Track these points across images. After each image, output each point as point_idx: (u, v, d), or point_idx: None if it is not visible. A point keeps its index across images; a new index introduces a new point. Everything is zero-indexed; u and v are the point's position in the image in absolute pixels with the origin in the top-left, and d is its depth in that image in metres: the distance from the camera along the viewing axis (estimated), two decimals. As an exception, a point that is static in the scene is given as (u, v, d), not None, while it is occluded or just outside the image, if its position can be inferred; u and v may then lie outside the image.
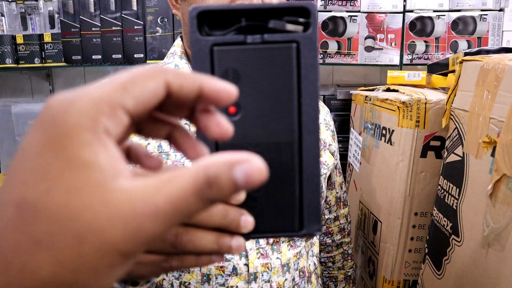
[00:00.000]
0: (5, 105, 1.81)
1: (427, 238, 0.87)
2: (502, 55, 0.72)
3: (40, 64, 1.73)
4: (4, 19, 1.73)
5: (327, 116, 0.90)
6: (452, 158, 0.77)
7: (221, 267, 0.68)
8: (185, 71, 0.24)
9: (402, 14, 1.57)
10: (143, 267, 0.34)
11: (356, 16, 1.57)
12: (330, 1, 1.57)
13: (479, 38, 1.55)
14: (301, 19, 0.30)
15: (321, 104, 0.92)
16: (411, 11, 1.57)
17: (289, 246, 0.74)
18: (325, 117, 0.89)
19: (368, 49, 1.59)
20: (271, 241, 0.71)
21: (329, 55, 1.60)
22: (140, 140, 0.69)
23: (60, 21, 1.68)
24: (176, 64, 0.74)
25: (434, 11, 1.56)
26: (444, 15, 1.55)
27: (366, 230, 1.13)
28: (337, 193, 0.96)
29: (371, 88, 1.25)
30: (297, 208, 0.31)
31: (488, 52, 0.83)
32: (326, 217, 0.97)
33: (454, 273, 0.74)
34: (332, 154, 0.87)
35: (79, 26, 1.67)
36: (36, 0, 1.71)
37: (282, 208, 0.31)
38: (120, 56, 1.66)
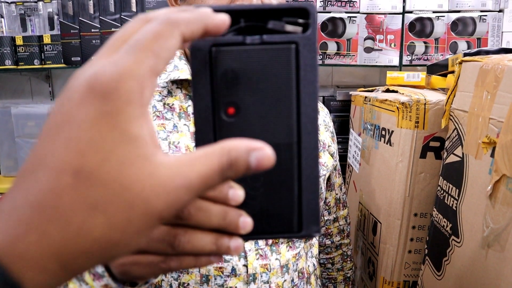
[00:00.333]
0: (5, 106, 1.81)
1: (427, 239, 0.87)
2: (501, 56, 0.72)
3: (40, 66, 1.72)
4: (4, 20, 1.73)
5: (327, 117, 0.90)
6: (452, 158, 0.77)
7: (220, 268, 0.68)
8: (189, 14, 0.26)
9: (401, 15, 1.57)
10: (142, 267, 0.34)
11: (355, 17, 1.57)
12: (329, 2, 1.57)
13: (478, 39, 1.55)
14: (301, 20, 0.30)
15: (320, 105, 0.92)
16: (411, 12, 1.57)
17: (288, 247, 0.73)
18: (324, 118, 0.89)
19: (368, 50, 1.59)
20: (270, 242, 0.71)
21: (328, 56, 1.60)
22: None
23: (59, 22, 1.68)
24: (175, 64, 0.74)
25: (434, 12, 1.56)
26: (443, 16, 1.55)
27: (365, 231, 1.13)
28: (336, 194, 0.96)
29: (371, 89, 1.25)
30: (296, 209, 0.31)
31: (488, 52, 0.83)
32: (326, 218, 0.97)
33: (454, 274, 0.74)
34: (332, 155, 0.87)
35: (78, 27, 1.67)
36: (35, 2, 1.71)
37: (281, 209, 0.31)
38: (119, 57, 1.66)
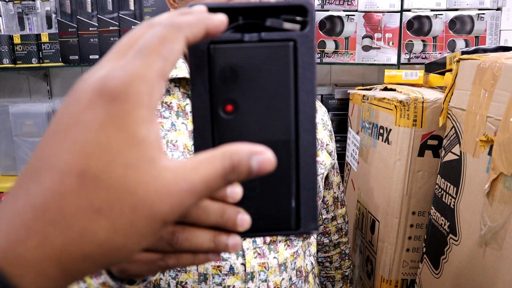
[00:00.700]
0: (3, 105, 1.80)
1: (425, 237, 0.87)
2: (499, 54, 0.72)
3: (38, 64, 1.72)
4: (1, 19, 1.73)
5: (325, 116, 0.90)
6: (450, 157, 0.77)
7: (218, 266, 0.68)
8: (191, 17, 0.26)
9: (399, 13, 1.57)
10: (140, 265, 0.34)
11: (353, 15, 1.57)
12: (327, 0, 1.57)
13: (476, 37, 1.55)
14: (299, 18, 0.30)
15: (318, 104, 0.92)
16: (409, 10, 1.57)
17: (286, 246, 0.73)
18: (322, 117, 0.89)
19: (366, 48, 1.59)
20: (268, 240, 0.71)
21: (326, 55, 1.60)
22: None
23: (57, 21, 1.67)
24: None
25: (432, 10, 1.56)
26: (441, 14, 1.55)
27: (364, 230, 1.13)
28: (334, 193, 0.96)
29: (369, 87, 1.25)
30: (294, 206, 0.31)
31: (485, 51, 0.83)
32: (324, 217, 0.97)
33: (452, 272, 0.74)
34: (330, 154, 0.87)
35: (76, 26, 1.66)
36: (33, 0, 1.71)
37: (279, 207, 0.31)
38: (117, 56, 1.66)
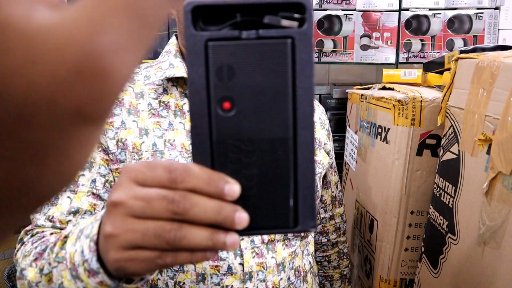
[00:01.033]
0: None
1: (424, 236, 0.87)
2: (497, 53, 0.72)
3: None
4: None
5: (322, 115, 0.90)
6: (448, 156, 0.77)
7: (216, 266, 0.68)
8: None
9: (397, 13, 1.57)
10: (137, 263, 0.33)
11: (351, 14, 1.57)
12: (325, 0, 1.57)
13: (475, 36, 1.55)
14: (297, 15, 0.30)
15: (316, 103, 0.92)
16: (407, 9, 1.57)
17: (284, 245, 0.73)
18: (320, 116, 0.89)
19: (364, 47, 1.59)
20: (266, 240, 0.71)
21: (324, 54, 1.60)
22: (134, 139, 0.68)
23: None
24: (171, 62, 0.73)
25: (430, 9, 1.56)
26: (440, 14, 1.55)
27: (362, 229, 1.13)
28: (332, 192, 0.96)
29: (367, 86, 1.25)
30: (292, 204, 0.31)
31: (484, 50, 0.83)
32: (322, 216, 0.97)
33: (451, 271, 0.74)
34: (328, 153, 0.87)
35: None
36: None
37: (277, 205, 0.31)
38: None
